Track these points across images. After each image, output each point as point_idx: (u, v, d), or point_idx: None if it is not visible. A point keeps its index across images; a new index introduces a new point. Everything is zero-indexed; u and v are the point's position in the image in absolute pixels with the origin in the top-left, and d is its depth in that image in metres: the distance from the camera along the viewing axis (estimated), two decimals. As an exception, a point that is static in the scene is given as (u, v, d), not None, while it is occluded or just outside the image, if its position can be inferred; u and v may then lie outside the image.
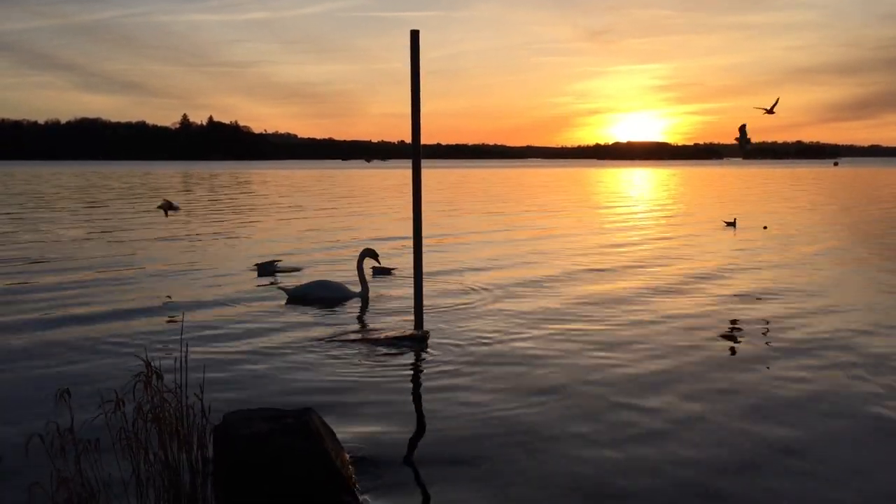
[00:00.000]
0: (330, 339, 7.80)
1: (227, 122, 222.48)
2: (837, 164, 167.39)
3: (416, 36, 7.68)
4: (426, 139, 8.99)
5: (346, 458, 4.44)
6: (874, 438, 5.13)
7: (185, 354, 4.19)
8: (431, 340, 7.58)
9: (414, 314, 8.01)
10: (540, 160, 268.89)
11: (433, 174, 78.85)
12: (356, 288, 10.14)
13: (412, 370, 6.73)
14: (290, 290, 10.09)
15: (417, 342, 7.51)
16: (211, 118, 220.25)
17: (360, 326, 8.55)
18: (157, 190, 45.53)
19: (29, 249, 15.69)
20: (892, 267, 13.25)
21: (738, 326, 8.37)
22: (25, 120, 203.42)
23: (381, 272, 11.97)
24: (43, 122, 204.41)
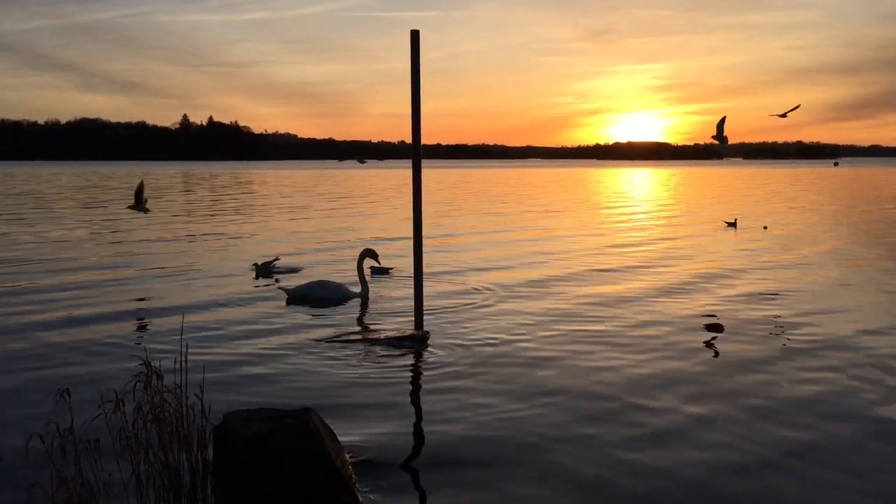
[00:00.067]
0: (330, 339, 7.80)
1: (227, 122, 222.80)
2: (837, 164, 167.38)
3: (416, 36, 7.67)
4: (426, 139, 9.00)
5: (346, 458, 4.44)
6: (880, 441, 5.08)
7: (184, 354, 4.19)
8: (432, 341, 7.58)
9: (414, 314, 8.01)
10: (540, 160, 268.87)
11: (433, 174, 78.83)
12: (356, 288, 10.14)
13: (412, 370, 6.73)
14: (290, 290, 10.09)
15: (418, 342, 7.50)
16: (211, 118, 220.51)
17: (360, 327, 8.55)
18: (157, 190, 45.53)
19: (29, 250, 15.69)
20: (893, 267, 13.25)
21: (740, 327, 8.34)
22: (25, 120, 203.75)
23: (378, 272, 11.98)
24: (43, 122, 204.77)
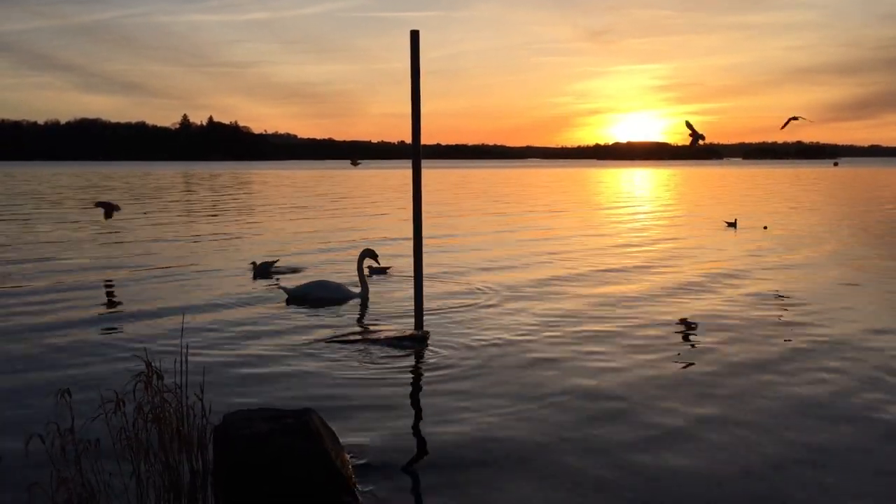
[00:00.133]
0: (330, 339, 7.79)
1: (226, 122, 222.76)
2: (837, 164, 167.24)
3: (416, 36, 7.67)
4: (426, 139, 8.99)
5: (346, 458, 4.44)
6: (884, 444, 5.02)
7: (185, 355, 4.19)
8: (432, 341, 7.57)
9: (414, 314, 8.00)
10: (540, 160, 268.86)
11: (433, 174, 78.80)
12: (356, 288, 10.14)
13: (413, 370, 6.73)
14: (290, 289, 10.09)
15: (418, 342, 7.50)
16: (211, 118, 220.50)
17: (360, 326, 8.55)
18: (157, 190, 45.53)
19: (29, 250, 15.69)
20: (894, 266, 13.25)
21: (741, 328, 8.30)
22: (25, 120, 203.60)
23: (376, 272, 11.95)
24: (43, 122, 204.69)
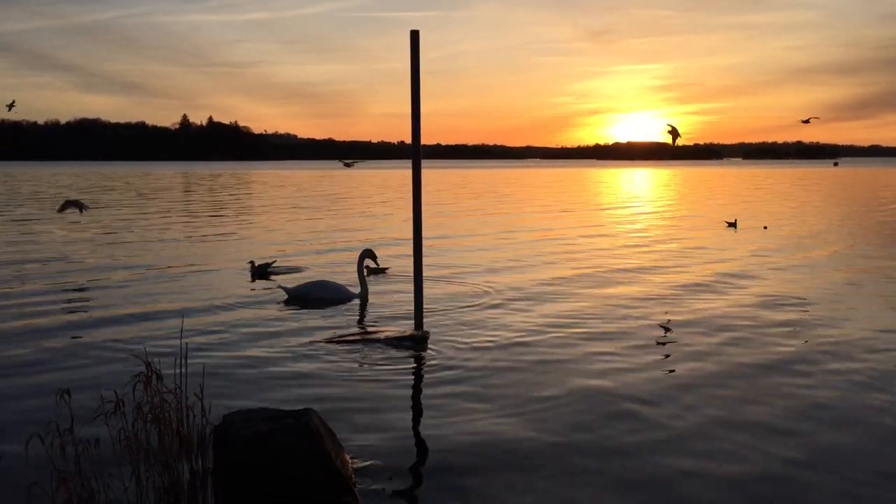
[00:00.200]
0: (330, 339, 7.80)
1: (226, 122, 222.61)
2: (837, 164, 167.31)
3: (415, 36, 7.67)
4: (426, 139, 8.98)
5: (346, 458, 4.44)
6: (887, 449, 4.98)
7: (184, 355, 4.19)
8: (432, 341, 7.57)
9: (414, 314, 8.00)
10: (540, 160, 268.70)
11: (433, 174, 78.77)
12: (356, 288, 10.13)
13: (413, 371, 6.73)
14: (289, 289, 10.09)
15: (417, 342, 7.50)
16: (211, 118, 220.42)
17: (360, 327, 8.55)
18: (158, 191, 45.53)
19: (29, 251, 15.69)
20: (894, 266, 13.26)
21: (745, 330, 8.23)
22: (25, 120, 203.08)
23: (374, 272, 11.87)
24: (42, 122, 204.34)
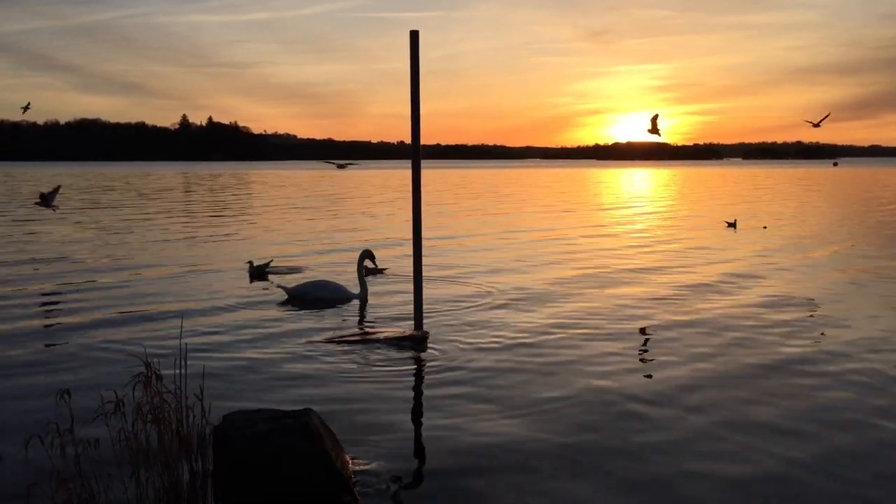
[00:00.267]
0: (330, 339, 7.80)
1: (226, 122, 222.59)
2: (837, 164, 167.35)
3: (415, 36, 7.67)
4: (426, 139, 8.97)
5: (346, 458, 4.44)
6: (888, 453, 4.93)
7: (184, 355, 4.19)
8: (432, 341, 7.57)
9: (414, 315, 8.01)
10: (540, 160, 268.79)
11: (432, 174, 78.75)
12: (355, 289, 10.13)
13: (412, 371, 6.73)
14: (289, 288, 10.10)
15: (417, 343, 7.51)
16: (210, 119, 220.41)
17: (359, 327, 8.55)
18: (158, 191, 45.53)
19: (28, 251, 15.69)
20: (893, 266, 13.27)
21: (747, 331, 8.18)
22: (25, 121, 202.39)
23: (371, 273, 11.72)
24: (42, 122, 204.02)
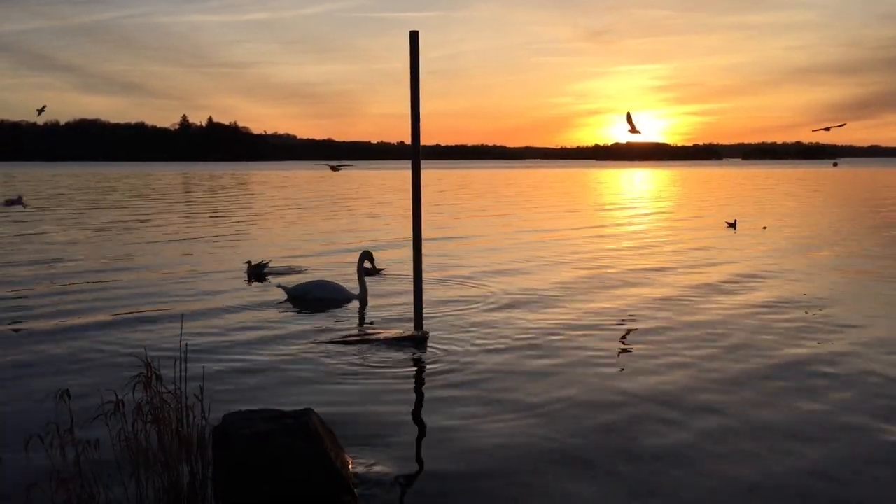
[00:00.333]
0: (329, 339, 7.80)
1: (226, 122, 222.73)
2: (837, 164, 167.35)
3: (415, 37, 7.67)
4: (426, 139, 8.97)
5: (345, 458, 4.44)
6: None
7: (184, 355, 4.19)
8: (432, 342, 7.57)
9: (414, 315, 8.00)
10: (539, 161, 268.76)
11: (431, 175, 78.72)
12: (355, 289, 10.13)
13: (412, 372, 6.73)
14: (289, 288, 10.10)
15: (417, 343, 7.51)
16: (210, 119, 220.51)
17: (359, 327, 8.55)
18: (157, 191, 45.52)
19: (27, 252, 15.69)
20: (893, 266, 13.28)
21: (749, 333, 8.15)
22: (24, 121, 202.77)
23: (369, 273, 11.65)
24: (42, 122, 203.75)
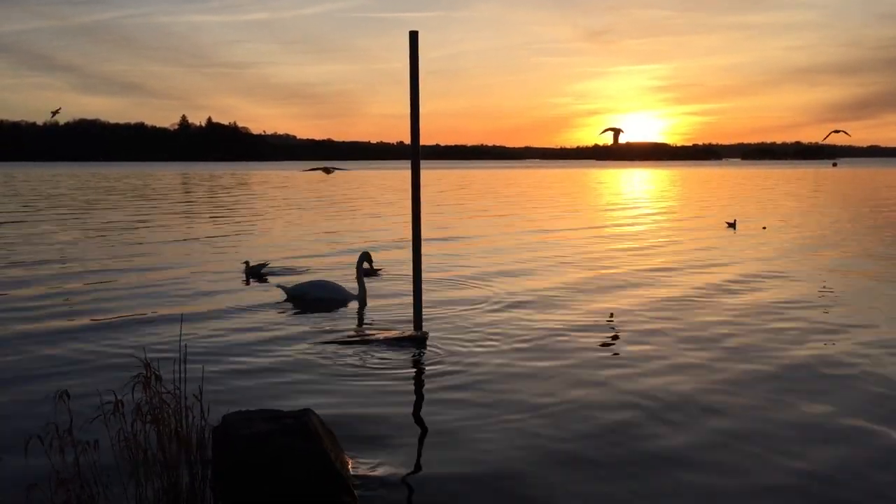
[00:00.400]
0: (329, 339, 7.80)
1: (225, 122, 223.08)
2: (836, 164, 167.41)
3: (414, 37, 7.66)
4: (425, 140, 8.96)
5: (345, 459, 4.44)
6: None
7: (183, 355, 4.19)
8: (431, 342, 7.57)
9: (413, 315, 8.00)
10: (539, 161, 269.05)
11: (431, 175, 78.67)
12: (355, 290, 10.12)
13: (412, 372, 6.73)
14: (288, 288, 10.10)
15: (417, 343, 7.51)
16: (210, 119, 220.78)
17: (358, 327, 8.55)
18: (157, 191, 45.50)
19: (27, 252, 15.69)
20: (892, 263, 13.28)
21: (750, 335, 8.12)
22: (24, 121, 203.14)
23: (367, 273, 11.61)
24: (42, 123, 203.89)
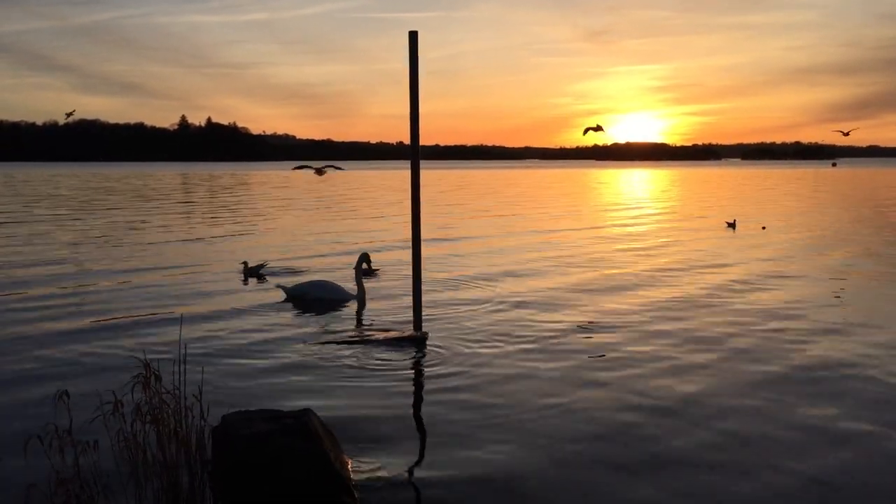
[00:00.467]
0: (329, 340, 7.80)
1: (225, 123, 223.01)
2: (836, 164, 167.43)
3: (414, 37, 7.66)
4: (425, 140, 8.96)
5: (345, 459, 4.45)
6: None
7: (183, 356, 4.19)
8: (431, 342, 7.57)
9: (413, 315, 8.00)
10: (539, 161, 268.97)
11: (431, 175, 78.69)
12: (354, 290, 10.12)
13: (411, 372, 6.73)
14: (288, 288, 10.10)
15: (416, 343, 7.51)
16: (210, 119, 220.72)
17: (358, 328, 8.55)
18: (157, 191, 45.50)
19: (27, 252, 15.68)
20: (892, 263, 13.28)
21: (751, 337, 8.11)
22: (23, 121, 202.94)
23: (366, 273, 11.54)
24: (41, 123, 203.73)
